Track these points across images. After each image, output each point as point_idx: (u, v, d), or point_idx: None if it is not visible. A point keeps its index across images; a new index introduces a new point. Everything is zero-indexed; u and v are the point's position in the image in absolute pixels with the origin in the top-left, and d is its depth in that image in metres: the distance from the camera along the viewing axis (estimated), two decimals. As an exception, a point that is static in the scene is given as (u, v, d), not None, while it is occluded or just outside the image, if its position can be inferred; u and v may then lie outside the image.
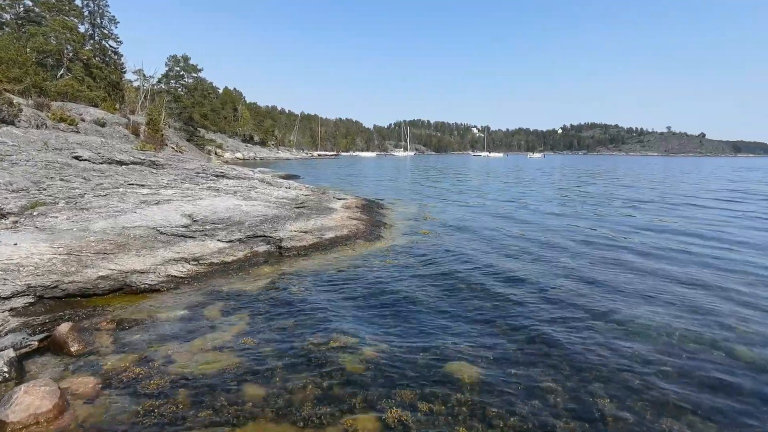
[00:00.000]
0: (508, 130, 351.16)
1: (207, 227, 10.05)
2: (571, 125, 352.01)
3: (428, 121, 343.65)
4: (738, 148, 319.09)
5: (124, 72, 56.14)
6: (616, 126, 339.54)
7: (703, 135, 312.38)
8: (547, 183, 35.41)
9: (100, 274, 7.28)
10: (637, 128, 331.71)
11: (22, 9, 45.63)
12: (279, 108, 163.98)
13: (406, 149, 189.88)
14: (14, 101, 19.20)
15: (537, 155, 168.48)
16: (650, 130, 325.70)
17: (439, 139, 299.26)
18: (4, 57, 32.24)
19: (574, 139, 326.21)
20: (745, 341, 6.02)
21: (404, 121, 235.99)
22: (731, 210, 18.94)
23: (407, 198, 22.87)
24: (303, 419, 4.23)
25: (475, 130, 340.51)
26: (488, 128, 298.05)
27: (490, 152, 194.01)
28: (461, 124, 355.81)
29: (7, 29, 43.11)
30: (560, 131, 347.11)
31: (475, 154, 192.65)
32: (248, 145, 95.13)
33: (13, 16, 45.41)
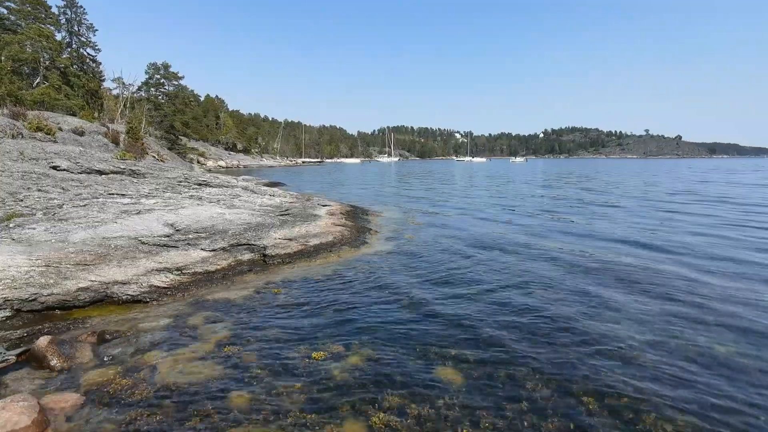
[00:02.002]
0: (490, 135, 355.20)
1: (190, 236, 9.94)
2: (552, 129, 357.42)
3: (412, 127, 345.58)
4: (713, 149, 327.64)
5: (103, 80, 55.45)
6: (596, 129, 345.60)
7: (680, 137, 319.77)
8: (530, 186, 35.79)
9: (80, 285, 7.14)
10: (616, 131, 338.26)
11: (-4, 17, 44.74)
12: (262, 115, 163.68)
13: (390, 155, 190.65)
14: (-11, 111, 18.76)
15: (520, 160, 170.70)
16: (629, 134, 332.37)
17: (423, 144, 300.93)
18: (-22, 66, 31.59)
19: (556, 143, 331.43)
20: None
21: (388, 127, 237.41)
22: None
23: (392, 203, 22.92)
24: (289, 426, 4.21)
25: (458, 136, 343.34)
26: (471, 133, 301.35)
27: (473, 157, 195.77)
28: (444, 129, 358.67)
29: (-20, 37, 42.21)
30: (542, 135, 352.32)
31: (459, 159, 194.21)
32: (231, 153, 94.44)
33: (-13, 24, 44.48)
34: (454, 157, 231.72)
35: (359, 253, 11.08)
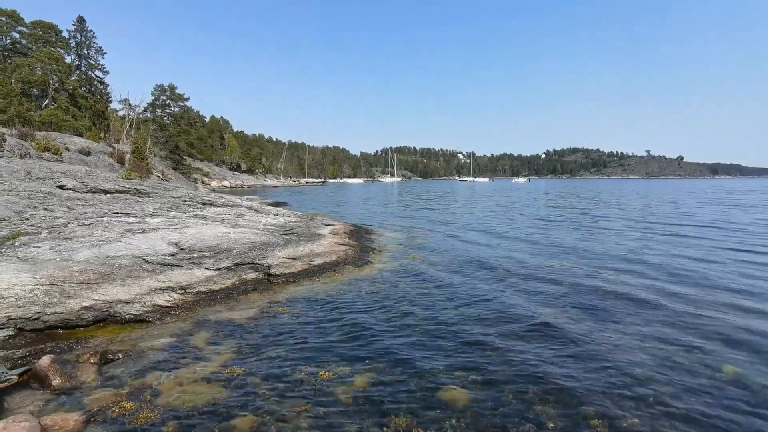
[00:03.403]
0: (493, 155, 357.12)
1: (194, 255, 9.93)
2: (554, 150, 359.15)
3: (414, 148, 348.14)
4: (715, 170, 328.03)
5: (110, 101, 56.29)
6: (598, 150, 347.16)
7: (681, 158, 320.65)
8: (532, 207, 35.78)
9: (84, 304, 7.11)
10: (618, 152, 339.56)
11: (8, 41, 45.79)
12: (266, 136, 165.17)
13: (392, 175, 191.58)
14: (-2, 131, 19.02)
15: (522, 180, 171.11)
16: (631, 154, 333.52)
17: (426, 165, 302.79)
18: (-11, 88, 32.20)
19: (558, 164, 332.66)
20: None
21: (390, 147, 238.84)
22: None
23: (395, 223, 22.92)
24: (295, 450, 4.12)
25: (461, 156, 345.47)
26: (474, 154, 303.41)
27: (475, 177, 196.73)
28: (447, 150, 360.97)
29: (-8, 61, 43.13)
30: (544, 156, 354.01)
31: (461, 179, 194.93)
32: (235, 173, 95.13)
33: (-1, 48, 45.51)
34: (457, 178, 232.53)
35: (363, 273, 11.03)
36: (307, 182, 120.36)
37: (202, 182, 64.08)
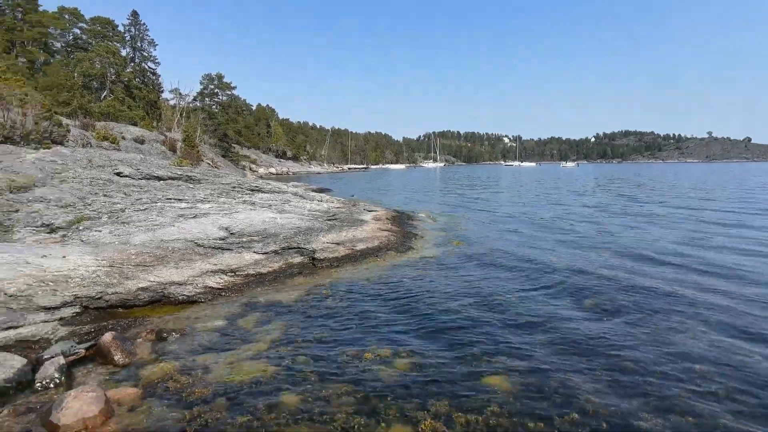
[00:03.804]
0: (540, 139, 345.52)
1: (243, 239, 10.26)
2: (604, 134, 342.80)
3: (458, 132, 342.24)
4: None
5: (162, 91, 58.57)
6: (652, 133, 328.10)
7: (749, 139, 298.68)
8: (580, 193, 34.56)
9: (140, 285, 7.51)
10: (674, 135, 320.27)
11: (71, 37, 48.51)
12: (310, 124, 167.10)
13: (435, 160, 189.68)
14: (63, 123, 20.27)
15: (570, 164, 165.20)
16: (689, 136, 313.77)
17: (470, 149, 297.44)
18: (55, 82, 34.32)
19: (608, 148, 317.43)
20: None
21: (433, 132, 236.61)
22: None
23: (437, 209, 22.76)
24: (338, 428, 4.23)
25: (506, 140, 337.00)
26: (520, 138, 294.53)
27: (522, 162, 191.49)
28: (492, 134, 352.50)
29: (58, 57, 45.86)
30: (593, 140, 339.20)
31: (507, 163, 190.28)
32: (281, 160, 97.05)
33: (63, 44, 48.34)
34: (503, 162, 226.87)
35: (405, 258, 11.05)
36: (349, 168, 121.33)
37: (250, 169, 65.82)
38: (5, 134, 15.74)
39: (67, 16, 47.61)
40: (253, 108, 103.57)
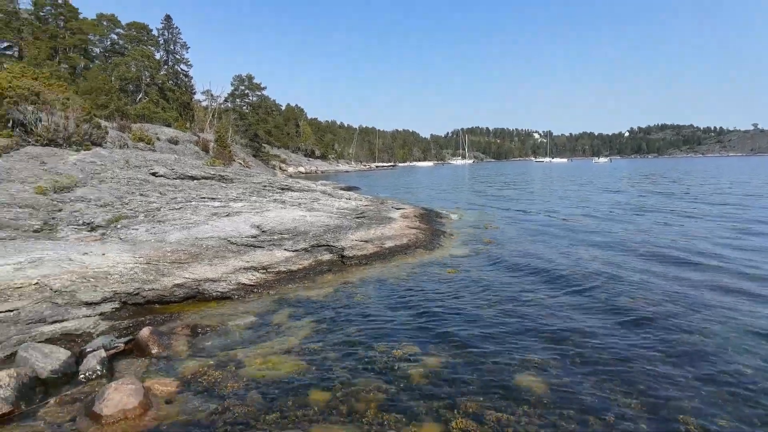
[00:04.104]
0: (571, 134, 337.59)
1: (274, 237, 10.42)
2: (639, 128, 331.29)
3: (487, 128, 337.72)
4: None
5: (194, 93, 59.94)
6: (691, 126, 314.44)
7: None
8: (613, 189, 33.61)
9: (176, 282, 7.72)
10: (715, 127, 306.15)
11: (108, 43, 50.39)
12: (338, 122, 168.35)
13: (464, 157, 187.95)
14: (102, 125, 21.04)
15: (603, 160, 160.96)
16: (732, 129, 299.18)
17: (499, 145, 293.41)
18: (94, 86, 35.74)
19: (643, 142, 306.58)
20: None
21: (462, 129, 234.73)
22: None
23: (466, 207, 22.56)
24: (367, 425, 4.24)
25: (536, 136, 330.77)
26: (550, 133, 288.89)
27: (552, 158, 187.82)
28: (522, 130, 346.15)
29: (96, 62, 47.71)
30: (627, 134, 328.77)
31: (538, 160, 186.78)
32: (310, 159, 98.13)
33: (101, 50, 50.29)
34: (533, 158, 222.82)
35: (434, 257, 10.99)
36: (377, 166, 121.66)
37: (280, 168, 66.78)
38: (49, 137, 16.47)
39: (105, 23, 49.41)
40: (283, 108, 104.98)
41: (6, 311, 6.04)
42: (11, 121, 16.20)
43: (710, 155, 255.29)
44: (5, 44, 41.39)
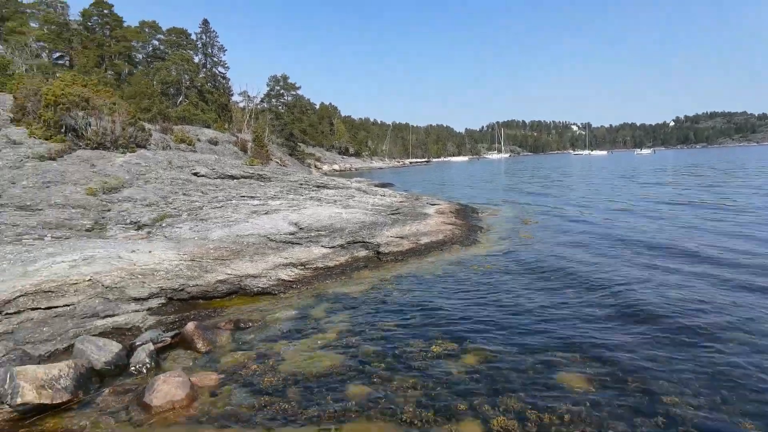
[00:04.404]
0: (611, 126, 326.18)
1: (312, 234, 10.58)
2: (686, 117, 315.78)
3: (523, 121, 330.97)
4: None
5: (232, 94, 61.56)
6: (744, 113, 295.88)
7: None
8: (659, 181, 32.26)
9: (219, 278, 7.96)
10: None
11: (150, 48, 52.43)
12: (371, 120, 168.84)
13: (500, 151, 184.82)
14: (146, 127, 21.89)
15: (646, 151, 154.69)
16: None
17: (536, 139, 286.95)
18: (138, 91, 37.32)
19: (690, 132, 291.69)
20: None
21: (497, 122, 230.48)
22: None
23: (502, 202, 22.18)
24: (406, 421, 4.24)
25: (575, 128, 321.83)
26: (589, 125, 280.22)
27: (592, 150, 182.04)
28: (559, 122, 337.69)
29: (139, 67, 49.75)
30: (672, 123, 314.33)
31: (576, 152, 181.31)
32: (344, 156, 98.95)
33: (144, 55, 52.41)
34: (571, 151, 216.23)
35: (471, 253, 10.88)
36: (411, 162, 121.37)
37: (315, 166, 67.65)
38: (98, 140, 17.28)
39: (147, 30, 51.54)
40: (317, 107, 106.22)
41: (63, 306, 6.40)
42: (64, 127, 17.08)
43: (765, 143, 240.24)
44: (57, 54, 43.74)
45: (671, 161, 72.33)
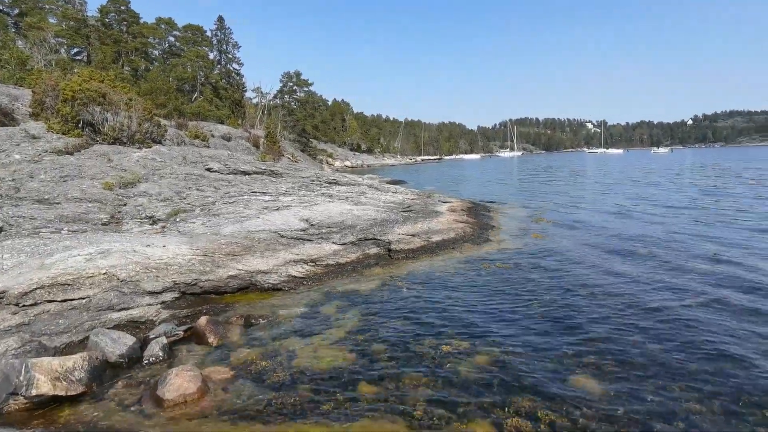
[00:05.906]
0: (627, 123, 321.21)
1: (323, 231, 10.61)
2: (704, 115, 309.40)
3: (537, 119, 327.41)
4: None
5: (245, 91, 61.84)
6: (765, 112, 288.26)
7: None
8: (677, 184, 31.75)
9: (230, 273, 8.02)
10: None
11: (166, 45, 52.95)
12: (384, 116, 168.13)
13: (512, 149, 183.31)
14: (161, 123, 22.12)
15: (663, 150, 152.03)
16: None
17: (549, 136, 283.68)
18: (154, 87, 37.76)
19: (709, 131, 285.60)
20: None
21: (510, 120, 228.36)
22: None
23: (515, 201, 22.00)
24: (416, 419, 4.24)
25: (589, 126, 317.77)
26: (605, 123, 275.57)
27: (607, 148, 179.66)
28: (574, 119, 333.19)
29: (156, 63, 50.29)
30: (690, 122, 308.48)
31: (591, 151, 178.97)
32: (356, 153, 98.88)
33: (160, 52, 52.95)
34: (586, 149, 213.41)
35: (482, 251, 10.82)
36: (422, 160, 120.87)
37: (327, 163, 67.75)
38: (115, 136, 17.51)
39: (163, 26, 51.93)
40: (329, 103, 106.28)
41: (79, 298, 6.52)
42: (81, 122, 17.33)
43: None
44: (75, 50, 44.36)
45: (689, 159, 70.90)
